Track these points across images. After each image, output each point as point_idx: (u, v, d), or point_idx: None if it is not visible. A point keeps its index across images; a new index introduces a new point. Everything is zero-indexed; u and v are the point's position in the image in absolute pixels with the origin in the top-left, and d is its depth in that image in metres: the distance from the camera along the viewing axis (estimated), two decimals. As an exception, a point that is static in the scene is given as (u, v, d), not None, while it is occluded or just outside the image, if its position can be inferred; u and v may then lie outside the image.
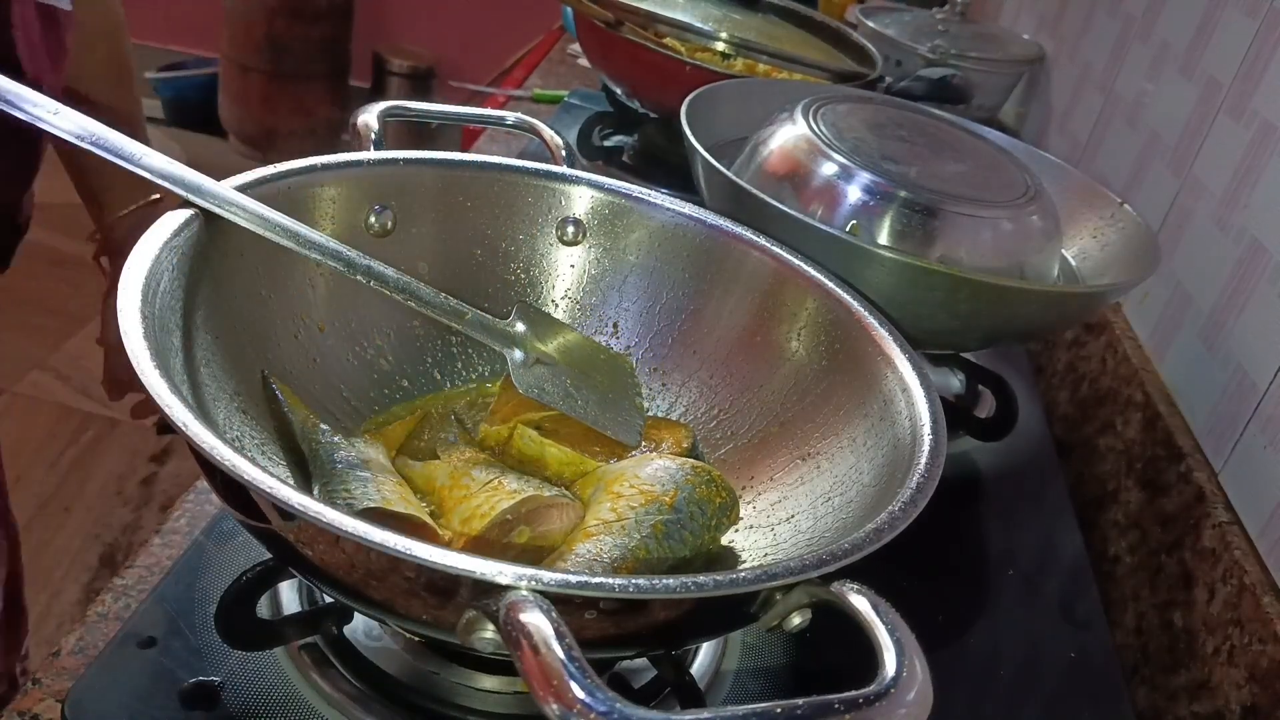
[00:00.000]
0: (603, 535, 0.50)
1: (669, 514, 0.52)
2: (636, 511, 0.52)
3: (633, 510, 0.52)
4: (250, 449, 0.51)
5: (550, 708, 0.32)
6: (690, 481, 0.54)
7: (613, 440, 0.60)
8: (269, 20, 3.10)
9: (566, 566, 0.49)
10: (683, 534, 0.52)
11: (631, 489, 0.53)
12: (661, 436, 0.62)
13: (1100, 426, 0.92)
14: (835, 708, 0.34)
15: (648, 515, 0.52)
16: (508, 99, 1.49)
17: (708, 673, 0.56)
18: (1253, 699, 0.63)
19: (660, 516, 0.52)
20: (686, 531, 0.52)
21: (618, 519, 0.51)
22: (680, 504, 0.53)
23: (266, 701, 0.50)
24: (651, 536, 0.51)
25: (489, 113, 0.77)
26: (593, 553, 0.49)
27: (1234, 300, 0.81)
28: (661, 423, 0.64)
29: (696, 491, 0.54)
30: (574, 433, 0.60)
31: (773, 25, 1.38)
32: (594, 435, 0.60)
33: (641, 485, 0.54)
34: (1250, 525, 0.71)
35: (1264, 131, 0.82)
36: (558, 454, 0.59)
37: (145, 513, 1.99)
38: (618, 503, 0.53)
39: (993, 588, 0.72)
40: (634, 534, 0.50)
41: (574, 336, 0.64)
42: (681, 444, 0.61)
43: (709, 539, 0.54)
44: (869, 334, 0.59)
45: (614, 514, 0.52)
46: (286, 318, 0.59)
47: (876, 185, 0.76)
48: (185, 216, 0.52)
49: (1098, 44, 1.27)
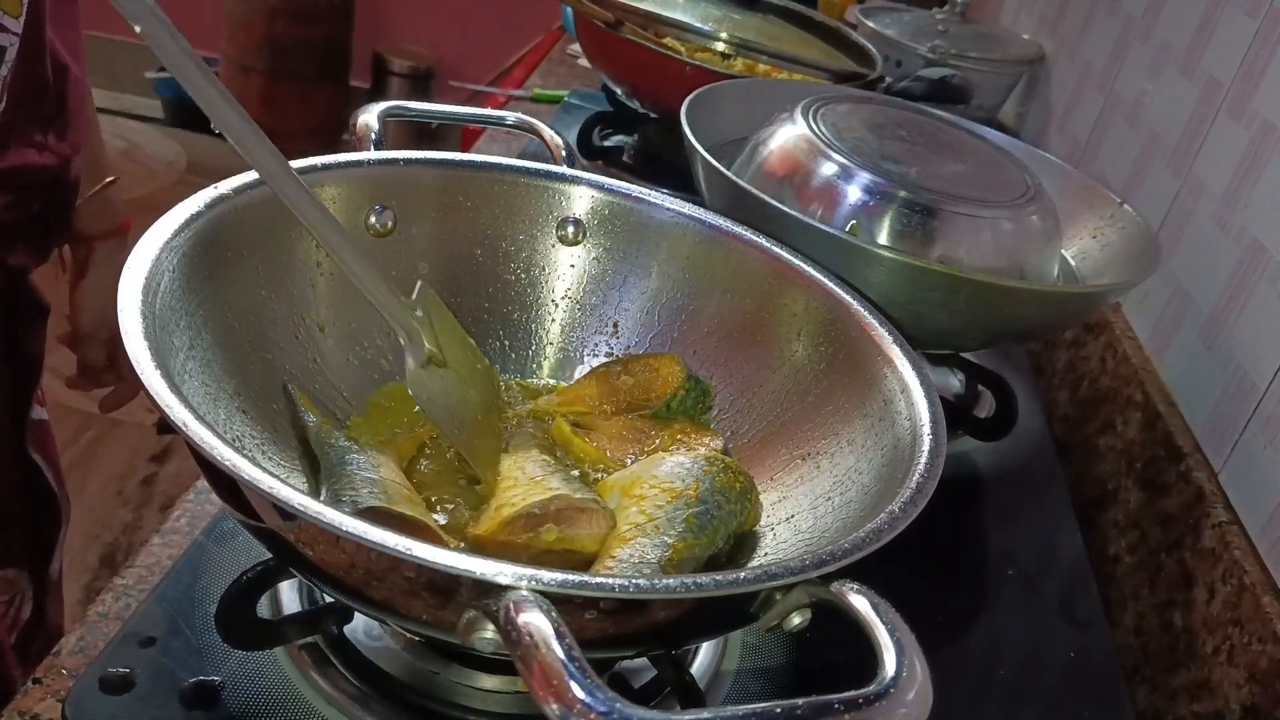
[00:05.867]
0: (639, 538, 0.50)
1: (697, 506, 0.52)
2: (665, 510, 0.52)
3: (660, 509, 0.52)
4: (250, 449, 0.51)
5: (550, 708, 0.32)
6: (709, 472, 0.55)
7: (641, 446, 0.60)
8: (269, 20, 3.10)
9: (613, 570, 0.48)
10: (713, 523, 0.52)
11: (653, 489, 0.54)
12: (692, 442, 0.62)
13: (1100, 426, 0.92)
14: (835, 708, 0.34)
15: (677, 511, 0.52)
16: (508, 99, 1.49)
17: (708, 673, 0.56)
18: (1253, 699, 0.63)
19: (689, 510, 0.52)
20: (717, 520, 0.52)
21: (649, 519, 0.51)
22: (705, 495, 0.53)
23: (267, 701, 0.50)
24: (688, 530, 0.51)
25: (489, 113, 0.77)
26: (635, 555, 0.49)
27: (1234, 300, 0.81)
28: (691, 427, 0.64)
29: (717, 480, 0.54)
30: (614, 431, 0.61)
31: (773, 25, 1.38)
32: (633, 439, 0.61)
33: (662, 484, 0.54)
34: (1250, 525, 0.71)
35: (1264, 131, 0.82)
36: (582, 450, 0.60)
37: (145, 513, 1.99)
38: (643, 504, 0.53)
39: (993, 588, 0.72)
40: (670, 531, 0.50)
41: (458, 335, 0.60)
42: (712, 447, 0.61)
43: (738, 525, 0.54)
44: (869, 334, 0.59)
45: (644, 516, 0.52)
46: (286, 318, 0.59)
47: (876, 185, 0.76)
48: (185, 216, 0.52)
49: (1098, 44, 1.27)
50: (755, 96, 0.93)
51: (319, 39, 3.20)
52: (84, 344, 0.97)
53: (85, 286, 0.95)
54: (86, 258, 0.94)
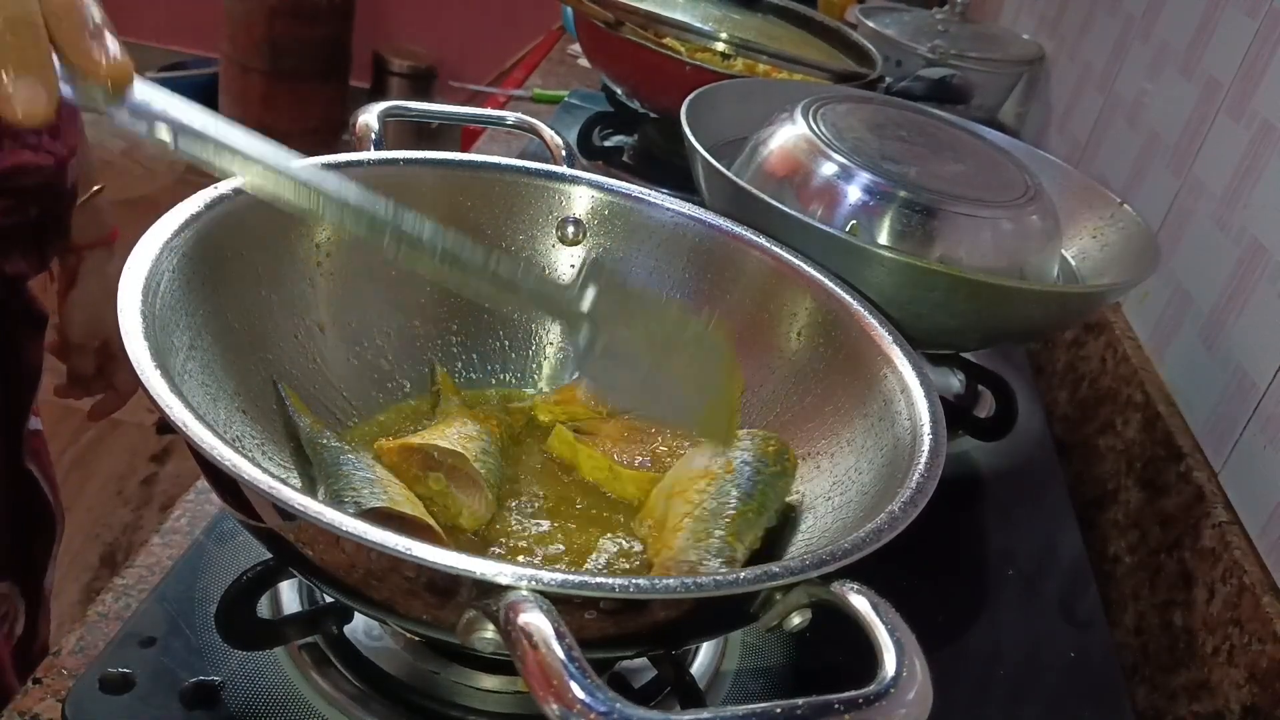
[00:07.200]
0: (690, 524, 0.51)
1: (733, 476, 0.53)
2: (705, 495, 0.53)
3: (701, 494, 0.53)
4: (250, 449, 0.51)
5: (550, 708, 0.32)
6: (739, 447, 0.55)
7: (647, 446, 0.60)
8: (269, 20, 3.10)
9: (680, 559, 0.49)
10: (756, 488, 0.53)
11: (689, 480, 0.54)
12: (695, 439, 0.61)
13: (1100, 426, 0.92)
14: (835, 708, 0.34)
15: (721, 489, 0.52)
16: (508, 99, 1.49)
17: (708, 673, 0.56)
18: (1252, 699, 0.63)
19: (729, 483, 0.53)
20: (758, 485, 0.53)
21: (695, 507, 0.52)
22: (739, 466, 0.54)
23: (267, 701, 0.50)
24: (738, 500, 0.51)
25: (489, 113, 0.77)
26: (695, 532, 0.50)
27: (1234, 300, 0.81)
28: None
29: (747, 452, 0.55)
30: (616, 433, 0.61)
31: (773, 25, 1.38)
32: (637, 439, 0.61)
33: (696, 473, 0.54)
34: (1250, 525, 0.71)
35: (1264, 131, 0.82)
36: (590, 459, 0.60)
37: (145, 513, 1.99)
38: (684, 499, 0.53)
39: (993, 588, 0.72)
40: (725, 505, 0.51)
41: (652, 303, 0.56)
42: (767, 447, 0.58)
43: (783, 486, 0.55)
44: (869, 334, 0.59)
45: (689, 505, 0.52)
46: (286, 318, 0.59)
47: (876, 185, 0.76)
48: (185, 216, 0.52)
49: (1098, 44, 1.27)
50: (755, 96, 0.93)
51: (319, 39, 3.20)
52: (73, 354, 0.97)
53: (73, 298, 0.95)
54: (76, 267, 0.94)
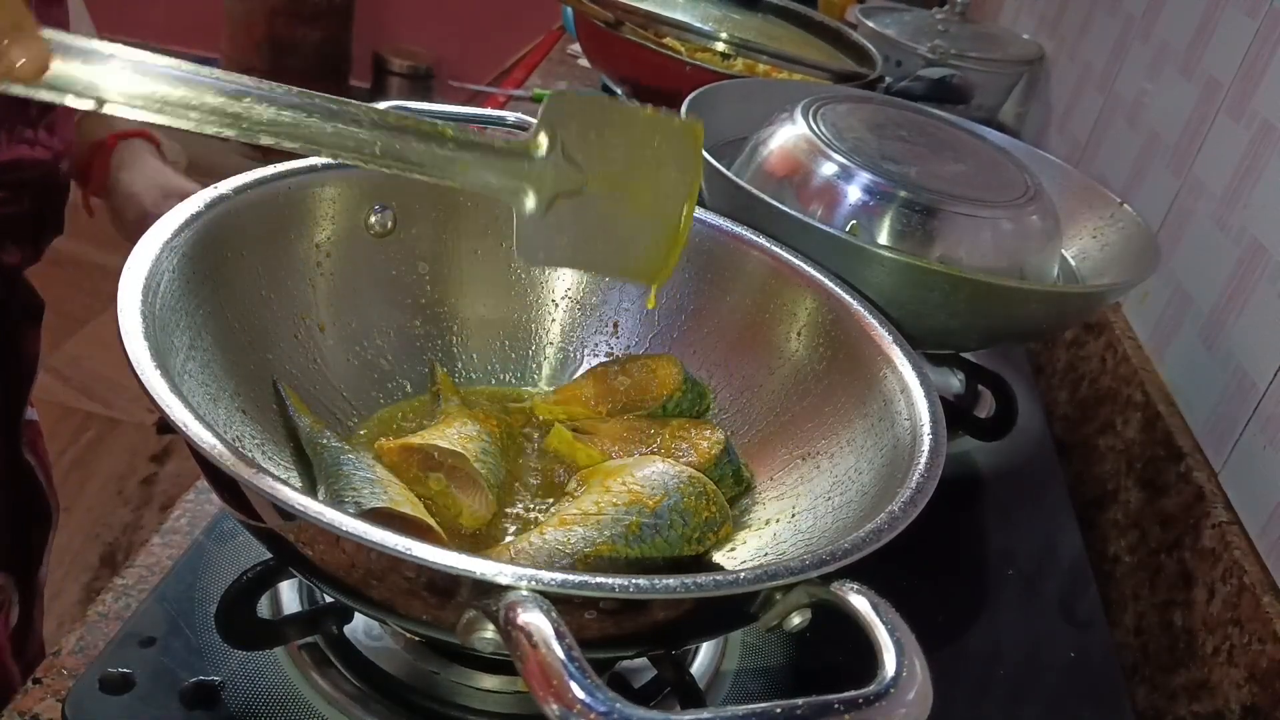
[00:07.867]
0: (575, 526, 0.51)
1: (648, 517, 0.52)
2: (616, 509, 0.52)
3: (614, 507, 0.52)
4: (250, 449, 0.51)
5: (550, 708, 0.32)
6: (681, 490, 0.54)
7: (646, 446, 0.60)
8: (269, 20, 3.10)
9: (524, 550, 0.49)
10: (656, 539, 0.52)
11: (622, 486, 0.54)
12: (693, 438, 0.61)
13: (1100, 426, 0.92)
14: (835, 708, 0.34)
15: (626, 515, 0.52)
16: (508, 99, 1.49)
17: (708, 673, 0.56)
18: (1252, 699, 0.63)
19: (638, 518, 0.52)
20: (660, 538, 0.52)
21: (597, 513, 0.52)
22: (662, 510, 0.53)
23: (267, 701, 0.50)
24: (622, 536, 0.51)
25: (489, 113, 0.77)
26: (559, 540, 0.50)
27: (1234, 300, 0.81)
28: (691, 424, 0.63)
29: (684, 501, 0.54)
30: (615, 433, 0.61)
31: (773, 25, 1.38)
32: (636, 439, 0.61)
33: (633, 485, 0.54)
34: (1250, 525, 0.71)
35: (1264, 131, 0.82)
36: (589, 458, 0.60)
37: (145, 513, 1.99)
38: (604, 497, 0.53)
39: (993, 588, 0.72)
40: (605, 530, 0.51)
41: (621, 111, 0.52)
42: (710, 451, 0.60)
43: (688, 549, 0.54)
44: (869, 334, 0.59)
45: (595, 508, 0.52)
46: (286, 318, 0.59)
47: (876, 185, 0.76)
48: (185, 216, 0.52)
49: (1098, 44, 1.27)
50: (755, 96, 0.93)
51: (319, 39, 3.20)
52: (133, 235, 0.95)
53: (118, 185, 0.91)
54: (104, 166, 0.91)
